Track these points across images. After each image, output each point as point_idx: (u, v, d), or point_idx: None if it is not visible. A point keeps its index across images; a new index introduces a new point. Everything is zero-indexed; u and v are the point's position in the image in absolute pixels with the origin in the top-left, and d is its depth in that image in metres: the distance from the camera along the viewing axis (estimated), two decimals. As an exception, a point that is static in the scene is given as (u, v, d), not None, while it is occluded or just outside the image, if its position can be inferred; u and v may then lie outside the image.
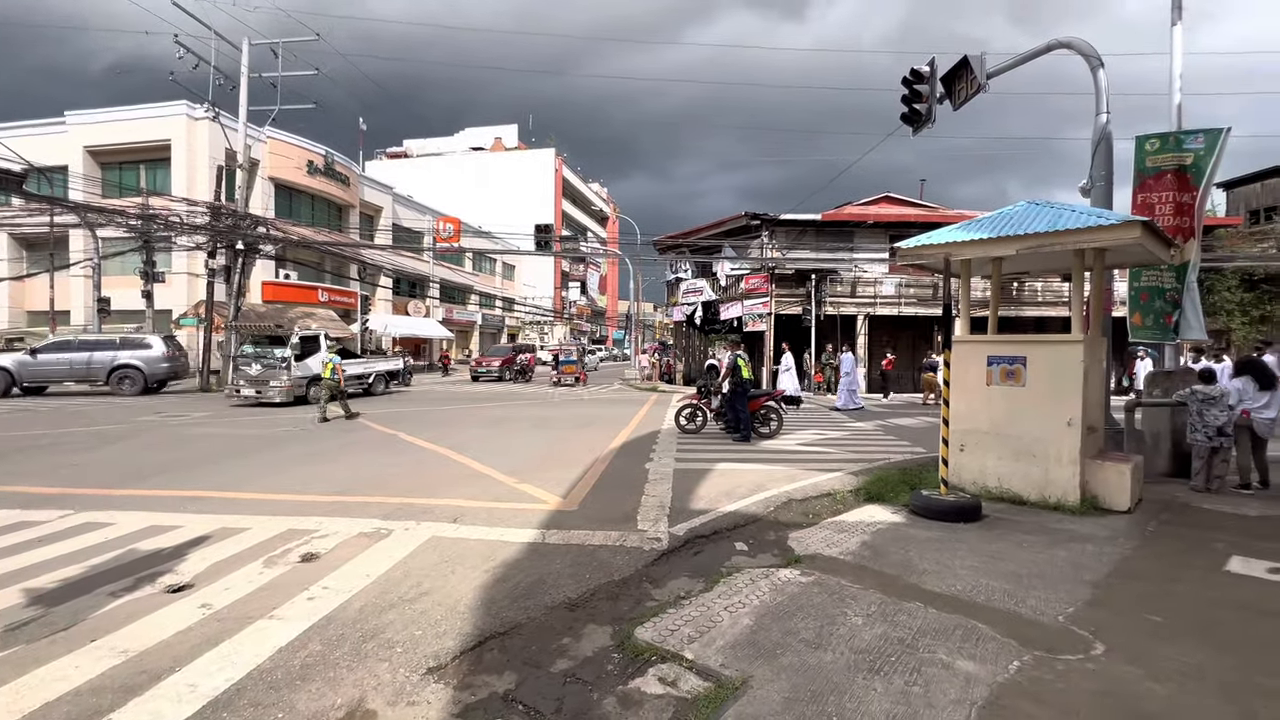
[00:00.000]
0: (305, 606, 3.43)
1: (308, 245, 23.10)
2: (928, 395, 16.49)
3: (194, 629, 3.16)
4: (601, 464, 7.60)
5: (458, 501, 5.72)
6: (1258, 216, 26.47)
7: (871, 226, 21.75)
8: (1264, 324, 20.21)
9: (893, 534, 4.86)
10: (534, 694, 2.66)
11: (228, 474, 6.97)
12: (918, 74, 9.07)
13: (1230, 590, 3.77)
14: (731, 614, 3.37)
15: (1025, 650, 2.95)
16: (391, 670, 2.80)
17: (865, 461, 8.02)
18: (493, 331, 47.86)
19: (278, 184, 25.92)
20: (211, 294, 19.60)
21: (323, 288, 27.83)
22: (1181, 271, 7.04)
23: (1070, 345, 5.62)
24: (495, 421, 12.03)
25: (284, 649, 2.96)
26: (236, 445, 8.99)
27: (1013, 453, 5.85)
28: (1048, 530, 4.90)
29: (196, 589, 3.68)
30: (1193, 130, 7.13)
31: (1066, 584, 3.79)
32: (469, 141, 60.76)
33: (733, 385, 9.75)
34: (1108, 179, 7.20)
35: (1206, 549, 4.51)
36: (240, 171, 19.86)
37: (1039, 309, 21.40)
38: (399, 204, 34.81)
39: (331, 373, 11.88)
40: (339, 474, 6.97)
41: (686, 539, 4.75)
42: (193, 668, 2.78)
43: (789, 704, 2.52)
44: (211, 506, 5.50)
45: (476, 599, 3.59)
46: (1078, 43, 7.39)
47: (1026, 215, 5.79)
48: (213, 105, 21.17)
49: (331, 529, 4.83)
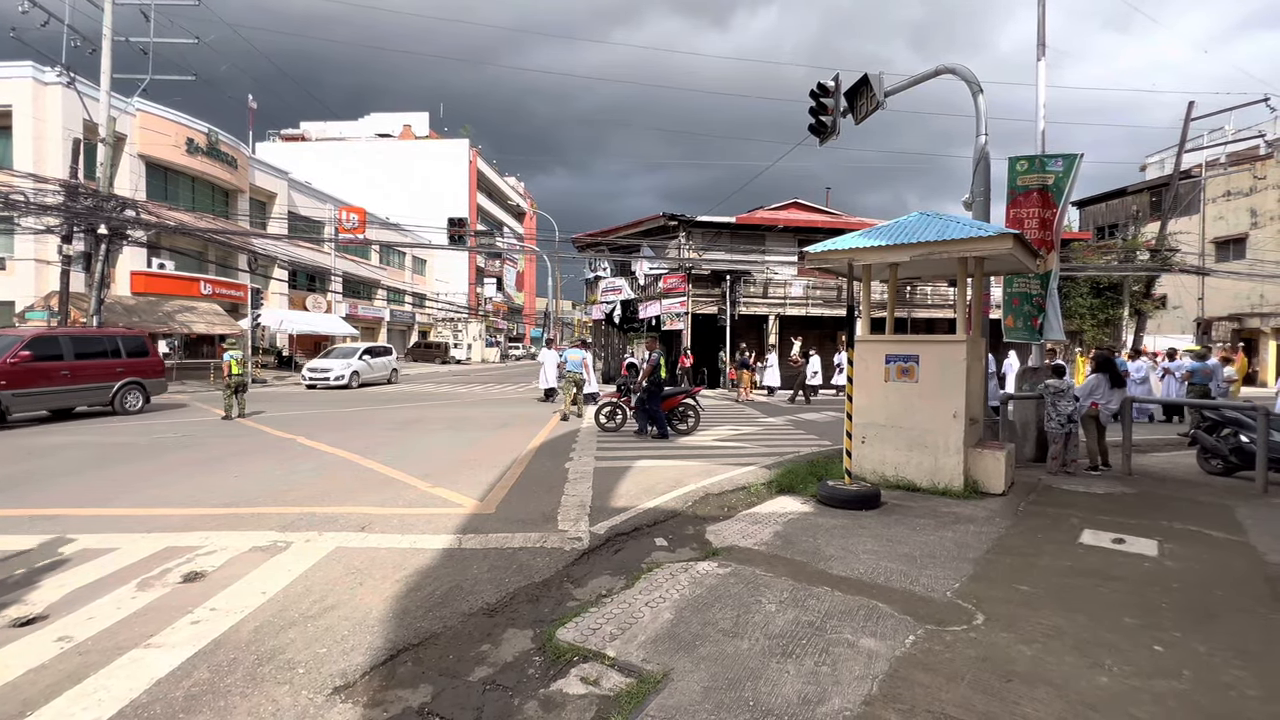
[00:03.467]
0: (189, 631, 3.11)
1: (187, 232, 20.88)
2: (744, 391, 17.75)
3: (50, 665, 2.78)
4: (520, 465, 7.46)
5: (366, 509, 5.40)
6: (1103, 232, 30.34)
7: (782, 230, 22.80)
8: (1108, 326, 23.18)
9: (802, 523, 5.12)
10: (451, 705, 2.57)
11: (90, 488, 6.17)
12: (824, 88, 9.59)
13: (1082, 560, 4.30)
14: (653, 609, 3.42)
15: (919, 625, 3.21)
16: (292, 694, 2.60)
17: (777, 455, 8.40)
18: (402, 329, 45.55)
19: (150, 162, 23.24)
20: (67, 284, 17.22)
21: (206, 279, 25.29)
22: (1045, 279, 7.93)
23: (955, 345, 6.17)
24: (406, 423, 11.47)
25: (163, 680, 2.67)
26: (101, 455, 7.98)
27: (907, 444, 6.34)
28: (937, 514, 5.37)
29: (52, 620, 3.23)
30: (1054, 155, 8.04)
31: (953, 562, 4.17)
32: (375, 127, 57.34)
33: (649, 384, 9.84)
34: (986, 194, 7.97)
35: (1065, 524, 5.12)
36: (103, 146, 17.59)
37: (929, 310, 23.33)
38: (296, 190, 32.27)
39: (237, 367, 11.91)
40: (227, 484, 6.36)
41: (608, 537, 4.76)
42: (49, 710, 2.44)
43: (708, 693, 2.60)
44: (69, 525, 4.85)
45: (387, 610, 3.41)
46: (961, 69, 8.11)
47: (919, 225, 6.29)
48: (67, 69, 18.62)
49: (219, 544, 4.41)
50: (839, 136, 9.85)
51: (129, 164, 21.81)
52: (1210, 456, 7.39)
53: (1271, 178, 24.93)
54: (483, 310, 54.51)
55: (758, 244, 22.73)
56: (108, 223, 17.05)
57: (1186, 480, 7.05)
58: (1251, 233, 25.53)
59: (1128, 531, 4.90)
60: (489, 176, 59.67)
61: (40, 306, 18.86)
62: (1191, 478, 7.21)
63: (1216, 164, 27.12)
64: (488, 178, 59.40)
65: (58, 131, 20.30)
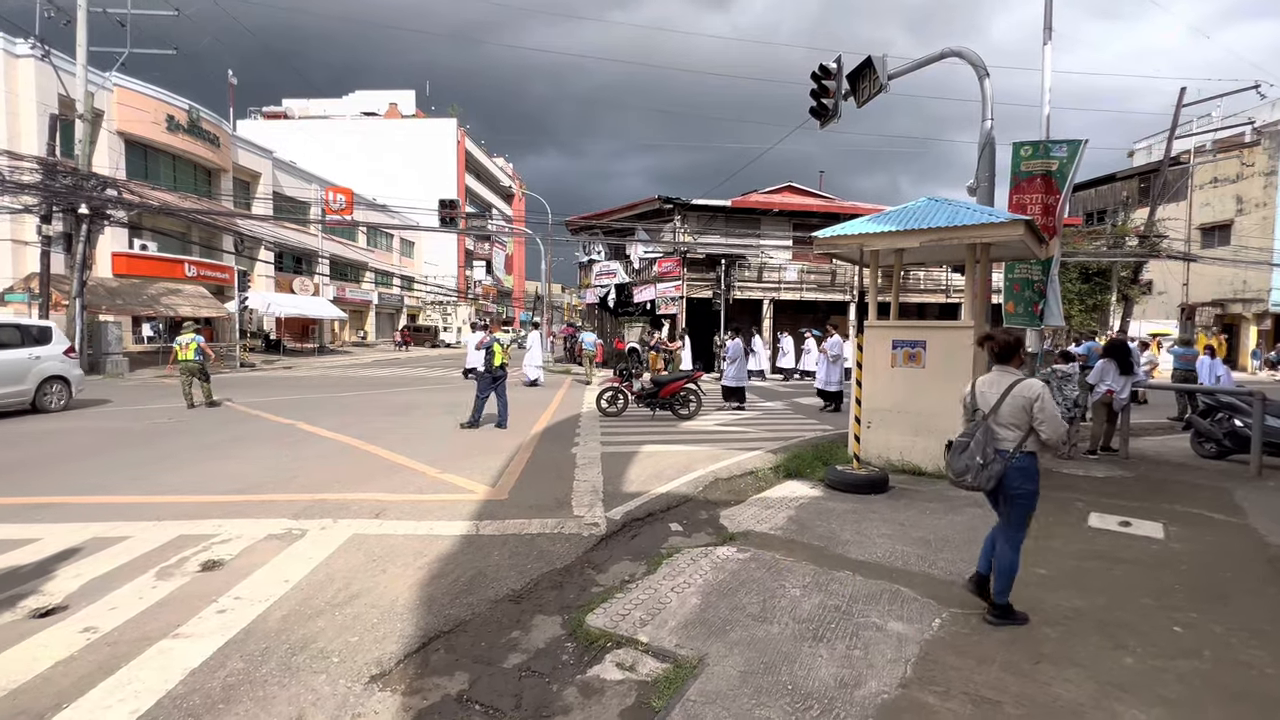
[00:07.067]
0: (216, 621, 3.08)
1: (171, 212, 20.37)
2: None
3: (79, 657, 2.74)
4: (526, 451, 7.44)
5: (377, 496, 5.36)
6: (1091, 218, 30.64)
7: (777, 215, 22.73)
8: (1096, 311, 23.52)
9: (814, 508, 5.18)
10: (490, 692, 2.58)
11: (92, 476, 6.06)
12: (826, 70, 9.46)
13: (1092, 543, 4.39)
14: (679, 594, 3.45)
15: (943, 608, 3.27)
16: (330, 682, 2.59)
17: (781, 440, 8.46)
18: (390, 312, 45.07)
19: (130, 140, 22.54)
20: (48, 265, 16.78)
21: (190, 261, 24.72)
22: (1046, 265, 7.99)
23: (963, 330, 6.22)
24: (404, 408, 11.38)
25: (197, 670, 2.65)
26: (99, 441, 7.84)
27: (913, 428, 6.41)
28: (945, 498, 5.45)
29: (73, 611, 3.18)
30: (1058, 140, 8.05)
31: (967, 545, 4.24)
32: (359, 105, 56.02)
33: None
34: (991, 180, 7.97)
35: (1071, 508, 5.22)
36: (81, 123, 17.01)
37: (920, 296, 23.48)
38: (280, 170, 31.54)
39: (197, 353, 10.80)
40: (233, 470, 6.28)
41: (623, 523, 4.78)
42: (85, 702, 2.41)
43: (745, 677, 2.63)
44: (75, 514, 4.77)
45: (414, 598, 3.40)
46: (968, 53, 8.06)
47: (928, 211, 6.30)
48: (41, 41, 17.95)
49: (233, 532, 4.36)
50: (840, 119, 9.80)
51: (107, 141, 21.12)
52: (1204, 440, 7.56)
53: (1259, 164, 25.25)
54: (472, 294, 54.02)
55: (753, 228, 22.66)
56: (88, 202, 16.58)
57: (1182, 464, 7.22)
58: (1237, 219, 25.93)
59: (1132, 515, 5.01)
60: (477, 157, 58.74)
61: (20, 289, 18.36)
62: (1187, 461, 7.37)
63: (1204, 150, 27.41)
64: (476, 158, 58.48)
65: (31, 107, 19.59)
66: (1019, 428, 3.02)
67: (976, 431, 3.07)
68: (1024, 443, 3.02)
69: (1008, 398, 3.03)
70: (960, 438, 3.16)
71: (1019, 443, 3.02)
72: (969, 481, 3.05)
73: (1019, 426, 3.02)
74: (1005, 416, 3.05)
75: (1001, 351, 3.18)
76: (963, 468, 3.07)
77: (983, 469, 2.99)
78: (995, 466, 2.98)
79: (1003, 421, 3.05)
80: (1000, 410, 3.05)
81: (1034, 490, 3.04)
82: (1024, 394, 3.00)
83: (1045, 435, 2.98)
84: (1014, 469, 3.00)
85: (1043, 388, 3.04)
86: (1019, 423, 3.02)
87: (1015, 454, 3.00)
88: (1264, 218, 25.02)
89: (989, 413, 3.09)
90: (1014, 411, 3.02)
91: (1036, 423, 2.97)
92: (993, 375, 3.20)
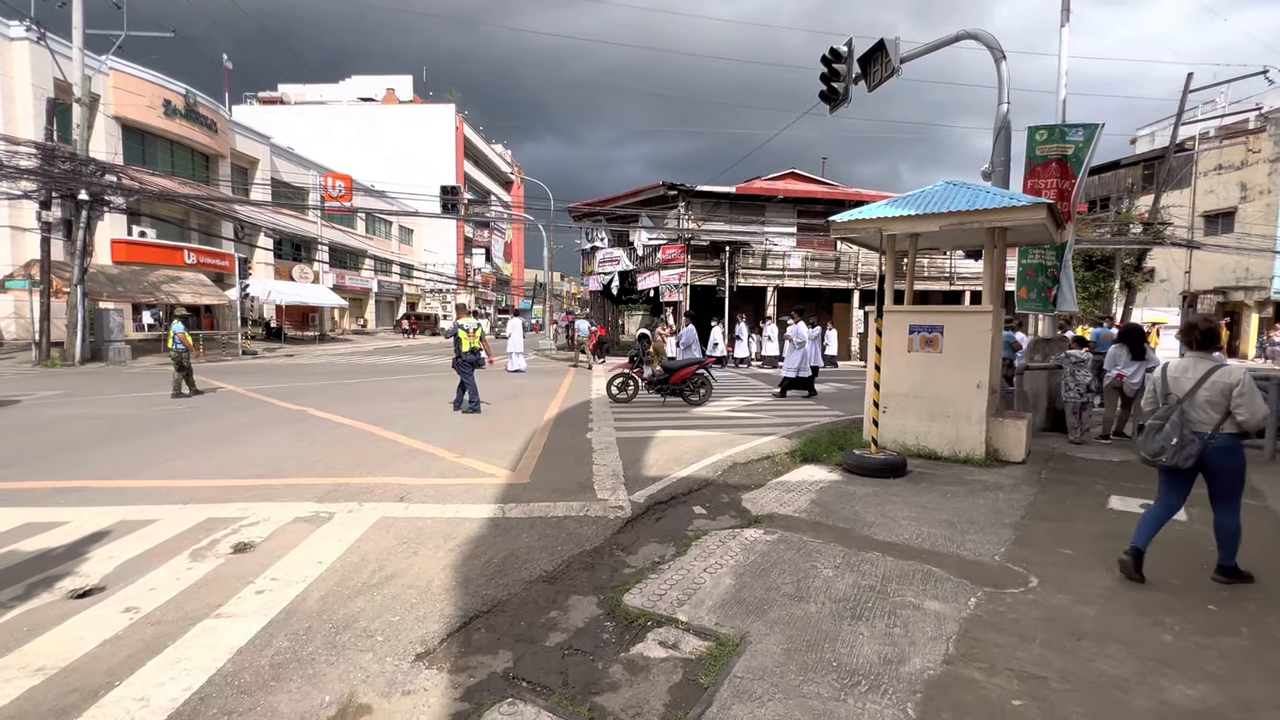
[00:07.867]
0: (256, 601, 3.09)
1: (171, 199, 20.18)
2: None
3: (124, 636, 2.75)
4: (541, 435, 7.44)
5: (400, 479, 5.37)
6: (1095, 205, 30.55)
7: (781, 201, 22.62)
8: (1099, 299, 23.53)
9: (835, 491, 5.20)
10: (536, 669, 2.60)
11: (111, 460, 6.06)
12: (836, 53, 9.35)
13: (1115, 524, 4.42)
14: (712, 575, 3.47)
15: (977, 588, 3.29)
16: (378, 660, 2.61)
17: (794, 425, 8.48)
18: (390, 299, 44.89)
19: (126, 125, 22.28)
20: (48, 252, 16.67)
21: (189, 248, 24.55)
22: (1060, 251, 7.97)
23: (981, 315, 6.21)
24: (416, 394, 11.37)
25: (244, 649, 2.66)
26: (113, 427, 7.82)
27: (929, 413, 6.42)
28: (964, 482, 5.47)
29: (111, 591, 3.19)
30: (1074, 124, 8.00)
31: (992, 527, 4.27)
32: (356, 91, 55.32)
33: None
34: (1006, 164, 7.93)
35: (1091, 491, 5.25)
36: (78, 107, 16.79)
37: (925, 283, 23.46)
38: (278, 156, 31.25)
39: (175, 342, 10.42)
40: (250, 455, 6.28)
41: (647, 506, 4.79)
42: (137, 679, 2.42)
43: (789, 654, 2.65)
44: (100, 498, 4.77)
45: (449, 579, 3.42)
46: (984, 35, 7.97)
47: (947, 194, 6.26)
48: (36, 23, 17.68)
49: (260, 515, 4.37)
50: (850, 104, 9.69)
51: (104, 126, 20.87)
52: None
53: (1264, 151, 25.14)
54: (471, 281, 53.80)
55: (757, 214, 22.56)
56: (88, 187, 16.42)
57: (1193, 448, 7.24)
58: (1241, 206, 25.85)
59: (1152, 497, 5.00)
60: (476, 143, 58.20)
61: (21, 275, 18.22)
62: (1197, 445, 7.40)
63: (1208, 137, 27.27)
64: (475, 145, 57.94)
65: (27, 91, 19.34)
66: (1216, 410, 3.19)
67: (1171, 415, 3.23)
68: (1222, 425, 3.18)
69: (1207, 382, 3.21)
70: (1154, 420, 3.32)
71: (1217, 425, 3.19)
72: (1164, 461, 3.22)
73: (1216, 409, 3.19)
74: (1202, 400, 3.21)
75: (1203, 339, 3.36)
76: (1158, 448, 3.23)
77: (1179, 449, 3.16)
78: (1192, 447, 3.15)
79: (1199, 404, 3.23)
80: (1197, 395, 3.24)
81: (1240, 464, 3.24)
82: (1225, 379, 3.17)
83: (1241, 418, 3.14)
84: (1215, 448, 3.18)
85: (1244, 373, 3.21)
86: (1216, 406, 3.18)
87: (1214, 434, 3.18)
88: (1268, 205, 24.95)
89: (1184, 397, 3.26)
90: (1213, 395, 3.19)
91: (1234, 406, 3.13)
92: (1185, 361, 3.38)
